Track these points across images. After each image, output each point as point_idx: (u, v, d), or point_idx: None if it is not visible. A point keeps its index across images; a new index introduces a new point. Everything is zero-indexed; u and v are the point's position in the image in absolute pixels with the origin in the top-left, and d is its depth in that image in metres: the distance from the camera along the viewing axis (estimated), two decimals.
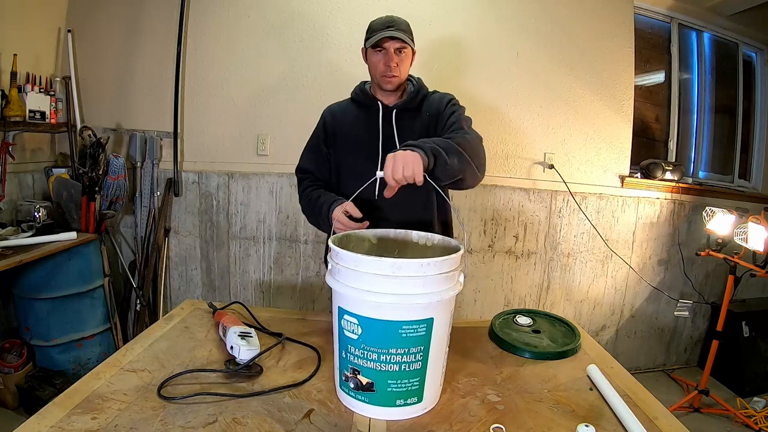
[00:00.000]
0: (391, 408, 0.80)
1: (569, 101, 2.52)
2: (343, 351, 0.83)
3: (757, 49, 3.04)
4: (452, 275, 0.81)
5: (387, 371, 0.79)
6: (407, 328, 0.78)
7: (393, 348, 0.78)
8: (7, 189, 2.03)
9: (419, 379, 0.80)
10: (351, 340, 0.80)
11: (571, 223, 2.60)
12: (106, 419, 0.73)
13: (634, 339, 2.79)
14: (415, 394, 0.81)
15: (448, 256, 0.79)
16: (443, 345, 0.84)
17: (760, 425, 2.20)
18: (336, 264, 0.82)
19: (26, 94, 2.03)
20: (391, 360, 0.78)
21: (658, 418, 0.81)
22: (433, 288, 0.78)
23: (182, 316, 1.18)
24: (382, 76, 1.27)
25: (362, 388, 0.80)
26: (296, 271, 2.51)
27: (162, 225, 2.39)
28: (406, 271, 0.76)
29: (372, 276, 0.76)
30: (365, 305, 0.78)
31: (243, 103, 2.41)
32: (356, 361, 0.80)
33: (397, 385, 0.79)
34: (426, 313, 0.78)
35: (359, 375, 0.80)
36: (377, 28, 1.24)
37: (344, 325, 0.81)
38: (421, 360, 0.80)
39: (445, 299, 0.80)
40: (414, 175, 0.95)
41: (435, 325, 0.79)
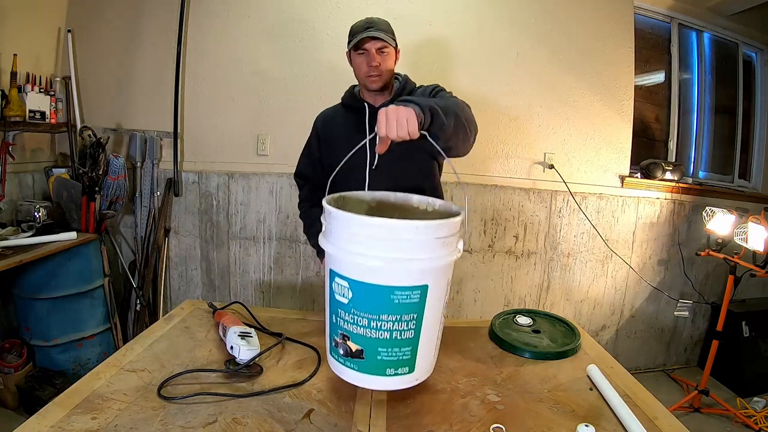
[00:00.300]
0: (381, 377, 0.77)
1: (569, 101, 2.52)
2: (333, 315, 0.79)
3: (757, 49, 3.04)
4: (450, 241, 0.76)
5: (377, 339, 0.75)
6: (400, 294, 0.74)
7: (384, 314, 0.74)
8: (7, 189, 2.03)
9: (411, 349, 0.77)
10: (341, 305, 0.77)
11: (571, 223, 2.60)
12: (106, 419, 0.73)
13: (634, 339, 2.79)
14: (406, 364, 0.78)
15: (446, 219, 0.75)
16: (438, 314, 0.80)
17: (760, 425, 2.19)
18: (329, 224, 0.79)
19: (26, 94, 2.03)
20: (381, 327, 0.74)
21: (658, 418, 0.81)
22: (429, 253, 0.73)
23: (182, 316, 1.18)
24: (366, 76, 1.29)
25: (351, 354, 0.77)
26: (296, 271, 2.51)
27: (162, 225, 2.39)
28: (401, 233, 0.72)
29: (365, 238, 0.72)
30: (356, 268, 0.74)
31: (243, 103, 2.41)
32: (346, 326, 0.77)
33: (387, 353, 0.76)
34: (421, 279, 0.74)
35: (349, 341, 0.77)
36: (357, 30, 1.27)
37: (335, 289, 0.77)
38: (414, 329, 0.76)
39: (442, 266, 0.76)
40: (408, 131, 0.90)
41: (429, 293, 0.75)
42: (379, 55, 1.26)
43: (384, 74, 1.29)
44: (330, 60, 2.35)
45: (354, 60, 1.31)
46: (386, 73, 1.30)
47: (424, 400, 0.85)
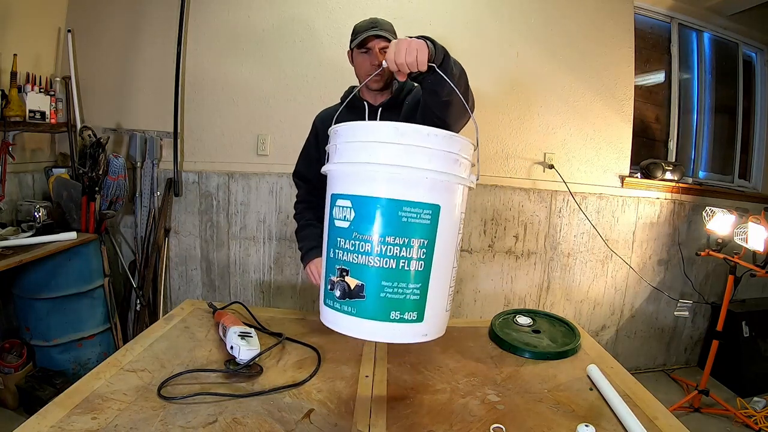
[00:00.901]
0: (384, 323, 0.66)
1: (569, 101, 2.52)
2: (331, 250, 0.69)
3: (757, 49, 3.04)
4: (463, 162, 0.70)
5: (381, 268, 0.65)
6: (408, 211, 0.65)
7: (390, 236, 0.64)
8: (7, 189, 2.02)
9: (420, 287, 0.67)
10: (341, 231, 0.67)
11: (571, 223, 2.60)
12: (106, 419, 0.73)
13: (634, 339, 2.79)
14: (414, 308, 0.67)
15: (458, 137, 0.68)
16: (450, 250, 0.70)
17: (760, 425, 2.19)
18: (333, 145, 0.72)
19: (26, 94, 2.02)
20: (387, 252, 0.65)
21: (658, 418, 0.81)
22: (441, 166, 0.66)
23: (182, 316, 1.18)
24: (368, 74, 1.27)
25: (350, 294, 0.66)
26: (296, 271, 2.51)
27: (162, 225, 2.39)
28: (411, 138, 0.65)
29: (371, 144, 0.65)
30: (360, 181, 0.66)
31: (243, 103, 2.41)
32: (345, 257, 0.66)
33: (392, 289, 0.65)
34: (431, 196, 0.66)
35: (348, 276, 0.66)
36: (361, 29, 1.27)
37: (335, 214, 0.68)
38: (424, 259, 0.66)
39: (455, 187, 0.68)
40: (417, 59, 0.86)
41: (442, 217, 0.66)
42: (382, 54, 1.26)
43: (385, 74, 1.29)
44: (330, 60, 2.35)
45: (356, 59, 1.31)
46: (387, 73, 1.29)
47: (424, 400, 0.85)
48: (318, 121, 1.44)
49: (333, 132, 0.75)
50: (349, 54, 1.34)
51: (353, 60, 1.33)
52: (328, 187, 0.76)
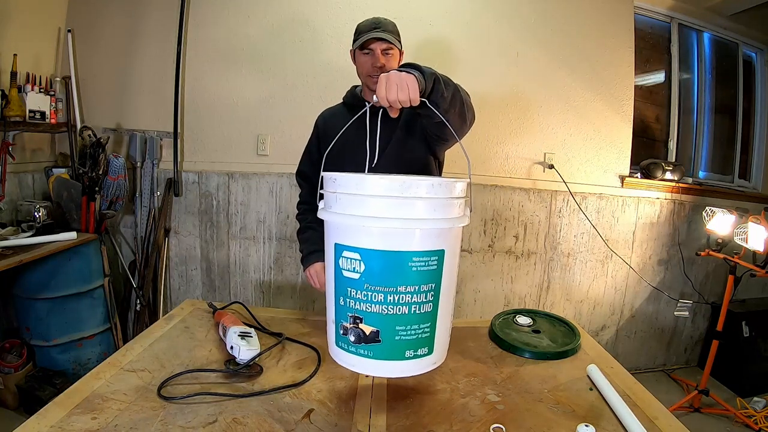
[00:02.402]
0: (400, 362, 0.70)
1: (569, 101, 2.52)
2: (340, 297, 0.72)
3: (757, 49, 3.04)
4: (461, 203, 0.74)
5: (395, 315, 0.68)
6: (418, 261, 0.68)
7: (402, 285, 0.68)
8: (7, 189, 2.02)
9: (430, 325, 0.71)
10: (351, 282, 0.69)
11: (571, 223, 2.60)
12: (106, 419, 0.73)
13: (634, 339, 2.79)
14: (426, 344, 0.71)
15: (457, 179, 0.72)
16: (452, 287, 0.75)
17: (760, 425, 2.19)
18: (333, 193, 0.72)
19: (26, 94, 2.03)
20: (399, 300, 0.68)
21: (658, 418, 0.81)
22: (445, 214, 0.69)
23: (182, 316, 1.18)
24: (369, 76, 1.28)
25: (365, 339, 0.69)
26: (296, 271, 2.51)
27: (162, 225, 2.39)
28: (416, 191, 0.67)
29: (377, 199, 0.67)
30: (369, 235, 0.68)
31: (243, 103, 2.41)
32: (358, 306, 0.69)
33: (406, 331, 0.69)
34: (437, 243, 0.69)
35: (361, 323, 0.69)
36: (364, 29, 1.26)
37: (342, 265, 0.70)
38: (433, 301, 0.70)
39: (456, 229, 0.72)
40: (410, 97, 0.85)
41: (446, 259, 0.70)
42: (383, 56, 1.26)
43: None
44: (330, 60, 2.35)
45: (358, 59, 1.31)
46: None
47: (424, 400, 0.85)
48: (320, 121, 1.44)
49: (331, 179, 0.74)
50: (352, 54, 1.34)
51: (355, 60, 1.33)
52: (328, 234, 0.76)
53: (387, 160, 1.29)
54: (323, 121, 1.43)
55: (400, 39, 1.30)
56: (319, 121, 1.44)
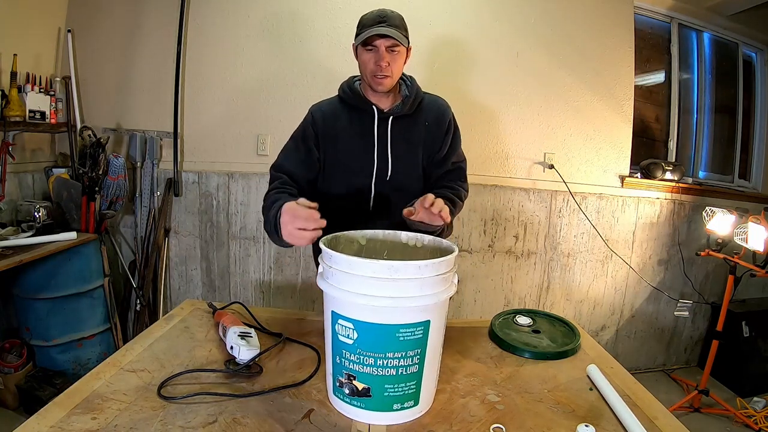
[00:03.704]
0: (388, 413, 0.79)
1: (569, 101, 2.52)
2: (337, 356, 0.80)
3: (757, 49, 3.04)
4: (447, 276, 0.80)
5: (384, 375, 0.77)
6: (404, 332, 0.76)
7: (390, 352, 0.76)
8: (7, 189, 2.02)
9: (416, 383, 0.79)
10: (346, 345, 0.78)
11: (571, 223, 2.60)
12: (106, 419, 0.73)
13: (634, 339, 2.79)
14: (411, 398, 0.80)
15: (445, 257, 0.78)
16: (438, 347, 0.83)
17: (760, 425, 2.20)
18: (329, 267, 0.79)
19: (26, 94, 2.03)
20: (388, 365, 0.77)
21: (658, 418, 0.81)
22: (430, 290, 0.76)
23: (182, 316, 1.18)
24: (373, 76, 1.17)
25: (358, 393, 0.78)
26: (296, 271, 2.51)
27: (162, 225, 2.39)
28: (403, 273, 0.74)
29: (368, 279, 0.74)
30: (361, 309, 0.76)
31: (243, 103, 2.41)
32: (352, 366, 0.78)
33: (394, 389, 0.78)
34: (423, 315, 0.77)
35: (355, 380, 0.78)
36: (368, 23, 1.14)
37: (338, 330, 0.79)
38: (418, 363, 0.79)
39: (441, 301, 0.79)
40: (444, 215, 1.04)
41: (431, 328, 0.78)
42: (389, 54, 1.14)
43: (393, 76, 1.18)
44: (330, 59, 2.35)
45: (361, 55, 1.19)
46: (395, 75, 1.19)
47: None
48: (318, 117, 1.26)
49: (327, 255, 0.80)
50: (354, 49, 1.22)
51: (357, 56, 1.21)
52: (326, 301, 0.83)
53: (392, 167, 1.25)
54: (322, 117, 1.26)
55: (407, 34, 1.18)
56: (317, 115, 1.26)
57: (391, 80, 1.19)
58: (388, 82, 1.18)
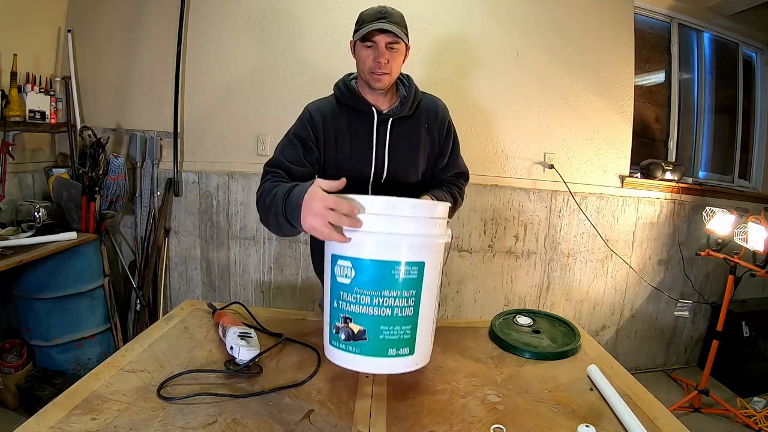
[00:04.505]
0: (383, 359, 0.80)
1: (569, 101, 2.52)
2: (334, 300, 0.82)
3: (757, 49, 3.04)
4: (441, 223, 0.85)
5: (380, 316, 0.79)
6: (399, 270, 0.79)
7: (386, 290, 0.79)
8: (7, 189, 2.02)
9: (411, 327, 0.81)
10: (343, 286, 0.80)
11: (571, 223, 2.59)
12: (105, 420, 0.73)
13: (634, 339, 2.79)
14: (407, 344, 0.81)
15: (437, 202, 0.87)
16: (433, 295, 0.85)
17: (760, 425, 2.19)
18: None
19: (26, 94, 2.03)
20: (383, 303, 0.78)
21: (658, 418, 0.81)
22: (424, 230, 0.81)
23: (182, 316, 1.17)
24: (371, 73, 1.15)
25: (354, 337, 0.79)
26: (296, 271, 2.51)
27: (162, 225, 2.39)
28: (399, 210, 0.80)
29: (367, 215, 0.78)
30: (358, 246, 0.79)
31: (243, 103, 2.41)
32: (348, 307, 0.80)
33: (389, 331, 0.79)
34: (418, 255, 0.80)
35: (351, 323, 0.79)
36: (368, 19, 1.12)
37: (337, 272, 0.81)
38: (413, 306, 0.80)
39: (436, 244, 0.83)
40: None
41: (426, 270, 0.81)
42: (388, 51, 1.13)
43: (392, 73, 1.16)
44: (330, 59, 2.35)
45: (359, 52, 1.16)
46: (394, 72, 1.17)
47: (424, 400, 0.85)
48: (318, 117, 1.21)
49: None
50: (352, 45, 1.19)
51: (355, 52, 1.18)
52: (327, 247, 0.86)
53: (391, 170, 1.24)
54: (321, 117, 1.21)
55: (407, 32, 1.16)
56: (315, 115, 1.21)
57: (389, 78, 1.17)
58: (386, 79, 1.16)
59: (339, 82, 1.26)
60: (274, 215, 0.96)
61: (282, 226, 0.96)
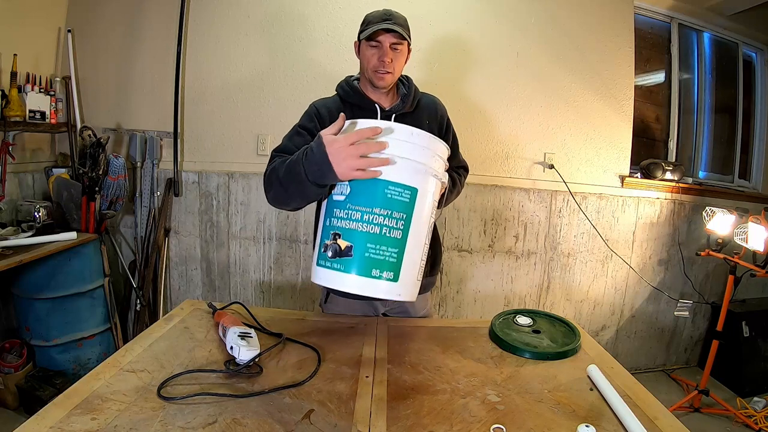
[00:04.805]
0: (367, 278, 0.81)
1: (569, 101, 2.52)
2: (327, 219, 0.87)
3: (757, 49, 3.04)
4: (437, 159, 0.89)
5: (368, 233, 0.81)
6: (393, 189, 0.82)
7: (377, 207, 0.82)
8: (7, 189, 2.03)
9: (398, 252, 0.82)
10: (338, 203, 0.85)
11: (571, 223, 2.59)
12: (105, 420, 0.73)
13: (634, 339, 2.79)
14: (392, 268, 0.82)
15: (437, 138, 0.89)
16: (423, 231, 0.87)
17: (760, 425, 2.20)
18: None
19: (26, 94, 2.03)
20: (373, 220, 0.81)
21: (658, 418, 0.81)
22: (421, 158, 0.85)
23: (182, 316, 1.17)
24: (375, 71, 1.20)
25: (340, 253, 0.82)
26: (296, 271, 2.51)
27: (162, 225, 2.39)
28: (398, 134, 0.84)
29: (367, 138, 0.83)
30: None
31: (243, 103, 2.41)
32: (339, 223, 0.83)
33: (375, 250, 0.81)
34: (412, 180, 0.84)
35: (339, 239, 0.82)
36: (373, 20, 1.18)
37: (334, 190, 0.86)
38: (402, 229, 0.83)
39: (430, 178, 0.86)
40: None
41: (418, 199, 0.84)
42: (392, 51, 1.18)
43: (395, 72, 1.22)
44: (330, 59, 2.35)
45: (363, 51, 1.21)
46: (397, 72, 1.23)
47: (424, 400, 0.85)
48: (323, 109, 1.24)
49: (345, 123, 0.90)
50: (356, 45, 1.25)
51: (360, 52, 1.24)
52: None
53: None
54: (329, 114, 1.23)
55: (410, 34, 1.21)
56: (323, 111, 1.24)
57: (392, 77, 1.21)
58: (389, 78, 1.21)
59: (342, 82, 1.30)
60: (297, 183, 0.95)
61: (307, 191, 0.95)
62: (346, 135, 0.87)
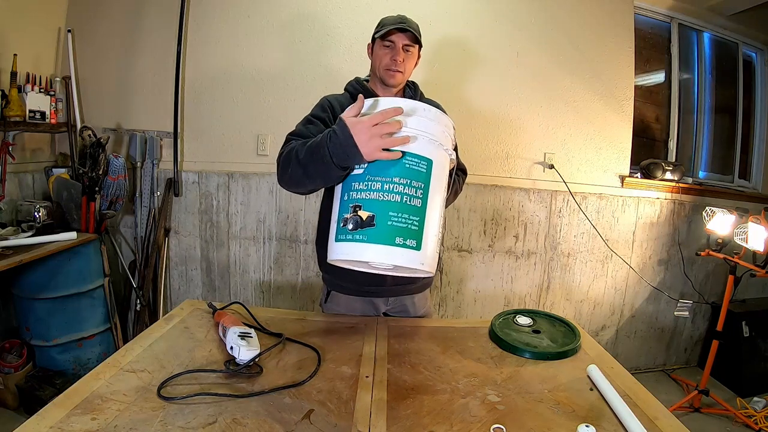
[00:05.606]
0: (391, 247, 0.81)
1: (569, 101, 2.52)
2: (345, 194, 0.88)
3: (757, 49, 3.04)
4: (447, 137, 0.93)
5: (390, 201, 0.83)
6: (410, 160, 0.85)
7: (396, 177, 0.84)
8: (7, 189, 2.02)
9: (419, 220, 0.84)
10: (356, 177, 0.87)
11: (571, 223, 2.60)
12: (105, 420, 0.73)
13: (634, 339, 2.79)
14: (414, 236, 0.83)
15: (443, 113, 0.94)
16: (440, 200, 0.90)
17: (760, 425, 2.20)
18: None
19: (26, 94, 2.03)
20: (393, 189, 0.83)
21: (658, 418, 0.81)
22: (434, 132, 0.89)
23: (182, 316, 1.17)
24: (387, 69, 1.26)
25: (362, 224, 0.82)
26: (296, 271, 2.51)
27: (162, 225, 2.39)
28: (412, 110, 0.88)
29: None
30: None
31: (243, 103, 2.41)
32: (359, 196, 0.85)
33: (398, 218, 0.82)
34: (426, 151, 0.87)
35: (360, 210, 0.83)
36: (388, 22, 1.26)
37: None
38: (422, 197, 0.85)
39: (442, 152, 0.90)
40: None
41: (433, 170, 0.88)
42: (404, 52, 1.26)
43: (405, 72, 1.28)
44: (330, 60, 2.35)
45: (377, 51, 1.28)
46: (407, 72, 1.29)
47: (424, 400, 0.85)
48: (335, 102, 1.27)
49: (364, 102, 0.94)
50: (369, 46, 1.33)
51: (373, 52, 1.31)
52: None
53: None
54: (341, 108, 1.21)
55: (421, 39, 1.30)
56: (335, 104, 1.26)
57: (402, 76, 1.27)
58: (399, 77, 1.27)
59: (352, 81, 1.36)
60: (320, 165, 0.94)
61: (331, 173, 0.94)
62: (370, 116, 0.88)
